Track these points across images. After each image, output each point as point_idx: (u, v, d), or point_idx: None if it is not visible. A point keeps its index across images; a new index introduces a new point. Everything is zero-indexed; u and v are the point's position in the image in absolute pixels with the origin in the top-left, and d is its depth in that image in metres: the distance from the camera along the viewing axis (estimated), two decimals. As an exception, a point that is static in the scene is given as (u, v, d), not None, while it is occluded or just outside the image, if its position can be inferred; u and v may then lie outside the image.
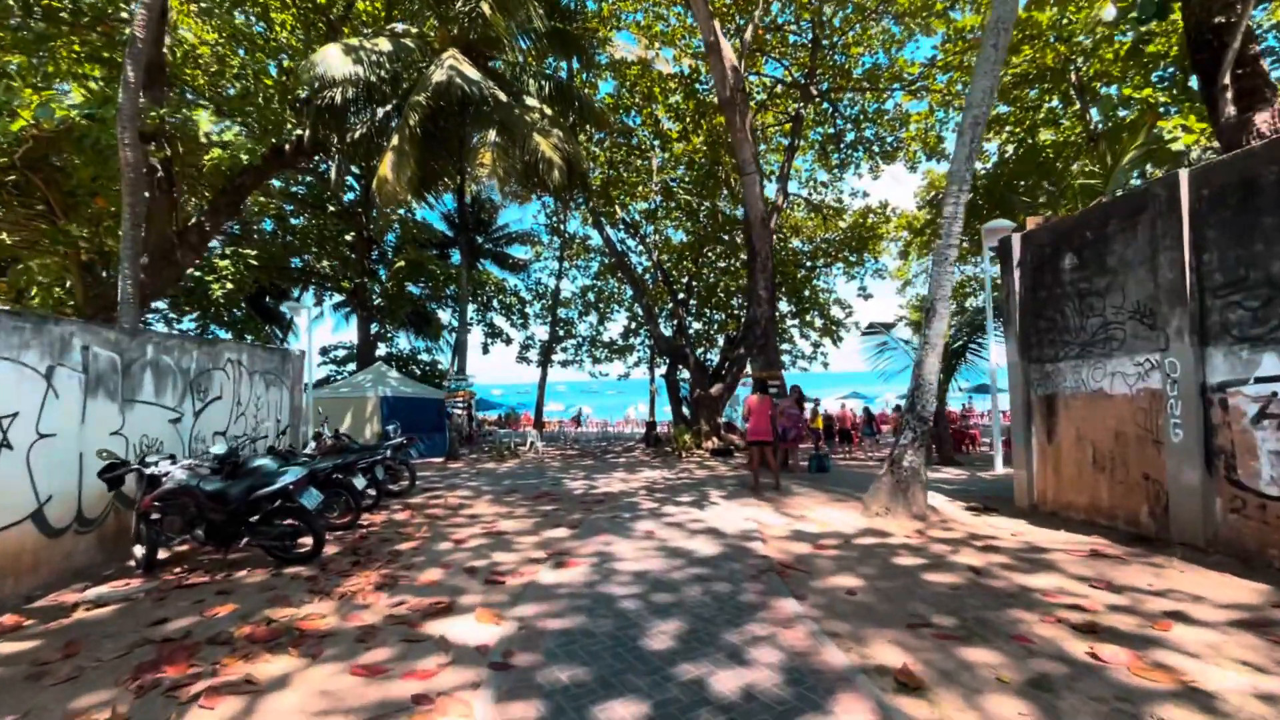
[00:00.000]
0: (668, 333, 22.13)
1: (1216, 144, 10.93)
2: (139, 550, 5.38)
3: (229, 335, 31.39)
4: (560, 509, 8.04)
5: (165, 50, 13.02)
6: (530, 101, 14.12)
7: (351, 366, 26.51)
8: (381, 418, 17.70)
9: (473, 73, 12.25)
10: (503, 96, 13.40)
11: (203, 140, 10.80)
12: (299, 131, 13.68)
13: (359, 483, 6.94)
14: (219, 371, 7.48)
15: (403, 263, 19.59)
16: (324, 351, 31.35)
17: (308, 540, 5.54)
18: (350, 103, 13.78)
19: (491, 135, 12.86)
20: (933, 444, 18.45)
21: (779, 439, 10.10)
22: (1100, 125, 21.32)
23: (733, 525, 6.76)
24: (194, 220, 12.99)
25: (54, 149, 10.26)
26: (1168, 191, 5.02)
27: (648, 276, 23.49)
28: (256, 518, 5.31)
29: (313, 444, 9.23)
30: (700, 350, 22.94)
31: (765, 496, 8.67)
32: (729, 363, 19.92)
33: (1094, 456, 6.06)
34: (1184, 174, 4.96)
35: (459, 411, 13.53)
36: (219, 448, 5.86)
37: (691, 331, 24.03)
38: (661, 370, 28.63)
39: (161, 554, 5.76)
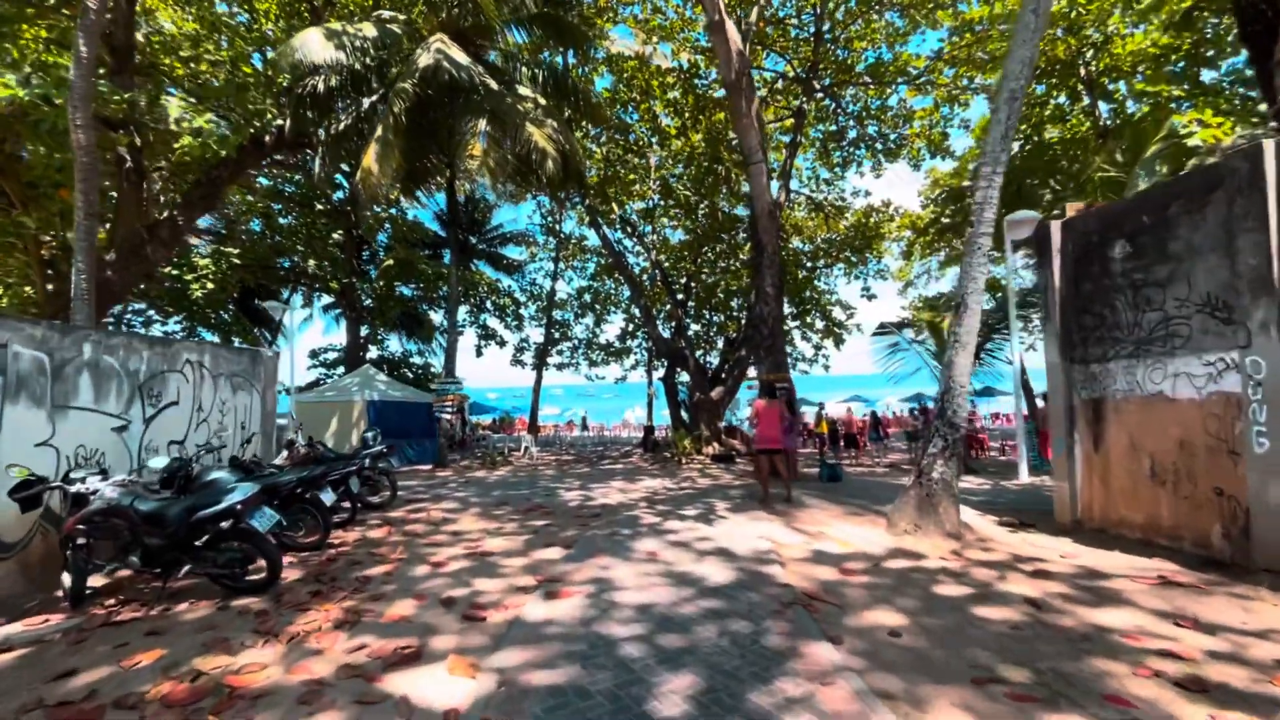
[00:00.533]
0: (666, 334, 21.47)
1: (1233, 138, 10.43)
2: (67, 579, 4.66)
3: (215, 337, 30.66)
4: (553, 524, 7.33)
5: (141, 37, 12.37)
6: (523, 90, 13.45)
7: (342, 370, 25.79)
8: (368, 423, 16.94)
9: (461, 57, 11.58)
10: (494, 84, 12.73)
11: (173, 128, 10.11)
12: (279, 122, 12.97)
13: (327, 498, 6.21)
14: (175, 374, 6.76)
15: (391, 262, 18.86)
16: (314, 354, 30.56)
17: (264, 566, 4.83)
18: (334, 92, 13.10)
19: (482, 125, 12.19)
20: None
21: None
22: (1109, 121, 20.84)
23: (745, 544, 6.07)
24: (166, 214, 12.26)
25: (8, 133, 9.53)
26: (1249, 164, 4.37)
27: (645, 278, 22.87)
28: (202, 541, 4.60)
29: (284, 454, 8.49)
30: (699, 353, 22.26)
31: (776, 510, 7.99)
32: (730, 365, 19.26)
33: (1152, 468, 5.40)
34: (1269, 145, 4.31)
35: (448, 416, 12.83)
36: (158, 461, 5.14)
37: (690, 333, 23.37)
38: (659, 373, 27.99)
39: (97, 581, 5.04)
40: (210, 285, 17.20)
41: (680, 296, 21.62)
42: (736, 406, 25.18)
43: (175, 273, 16.72)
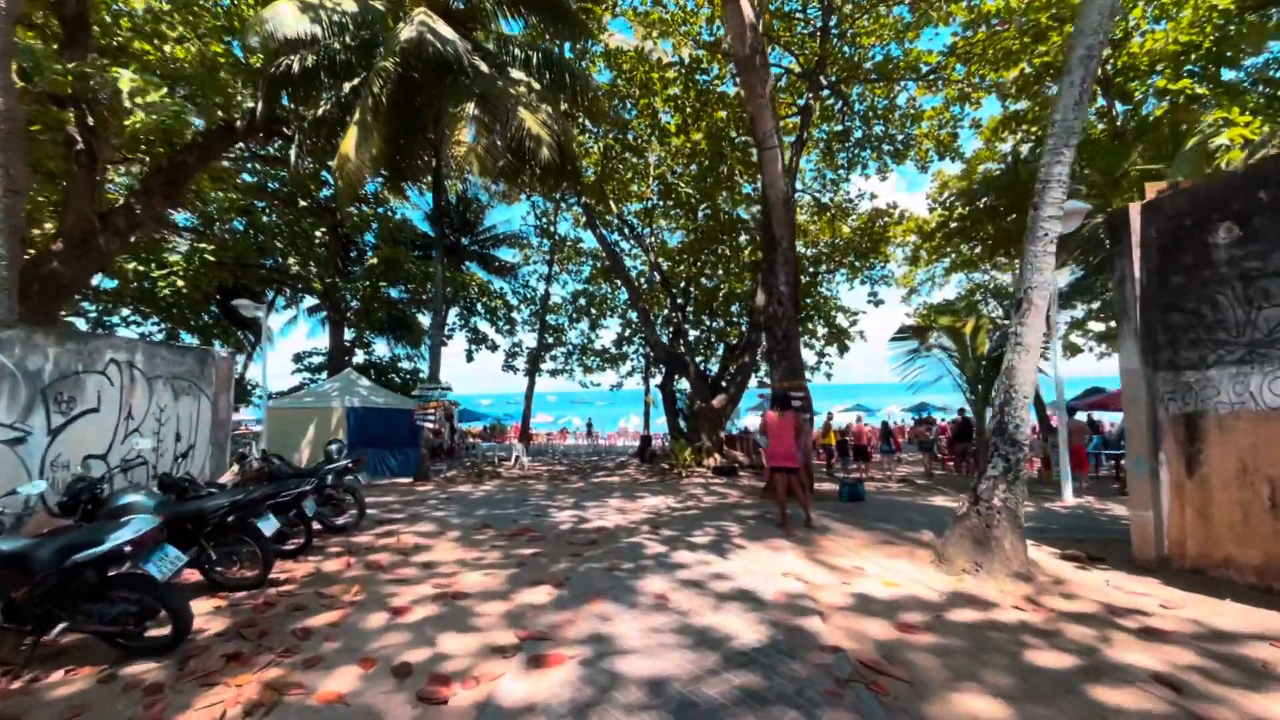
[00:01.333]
0: (664, 340, 20.51)
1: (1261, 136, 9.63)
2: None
3: (195, 340, 29.49)
4: (542, 553, 6.30)
5: (108, 17, 11.36)
6: (516, 74, 12.50)
7: (326, 375, 24.65)
8: (348, 431, 15.87)
9: (447, 31, 10.62)
10: (484, 67, 11.79)
11: (125, 105, 9.09)
12: (249, 104, 11.97)
13: (267, 526, 5.15)
14: (95, 376, 5.71)
15: (376, 260, 17.82)
16: (298, 358, 29.46)
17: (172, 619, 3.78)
18: (311, 74, 12.10)
19: (470, 109, 11.22)
20: (970, 464, 16.99)
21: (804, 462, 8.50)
22: (1126, 122, 20.12)
23: (770, 584, 5.06)
24: (122, 202, 11.20)
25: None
26: None
27: (643, 281, 21.91)
28: (83, 590, 3.55)
29: (234, 469, 7.43)
30: (699, 359, 21.30)
31: (796, 536, 6.99)
32: (734, 372, 18.30)
33: (1274, 497, 4.44)
34: None
35: (431, 425, 11.77)
36: (32, 486, 4.09)
37: (690, 339, 22.42)
38: (657, 380, 27.00)
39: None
40: (181, 283, 16.09)
41: (679, 300, 20.66)
42: (736, 415, 24.25)
43: (142, 269, 15.62)
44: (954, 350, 12.14)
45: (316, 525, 7.34)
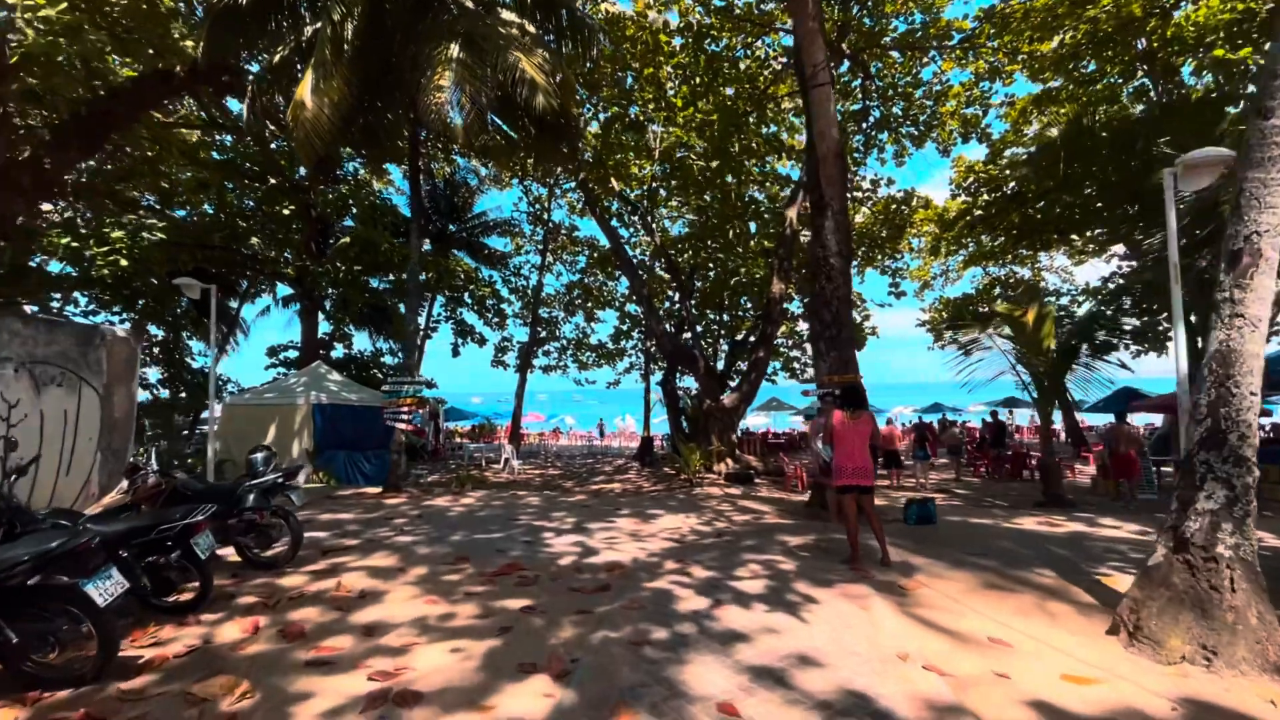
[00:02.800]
0: (669, 330, 18.73)
1: None
2: None
3: (160, 332, 27.35)
4: (536, 608, 4.50)
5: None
6: (508, 16, 10.67)
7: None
8: (314, 431, 14.01)
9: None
10: (469, 2, 9.96)
11: (18, 20, 7.21)
12: (188, 44, 10.07)
13: (102, 587, 3.29)
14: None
15: (349, 240, 15.91)
16: (272, 351, 27.42)
17: None
18: (262, 8, 10.24)
19: (454, 50, 9.37)
20: (1010, 468, 15.33)
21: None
22: (1164, 97, 18.61)
23: (890, 677, 3.30)
24: (29, 153, 9.29)
25: None
26: None
27: (643, 274, 20.15)
28: None
29: (123, 484, 5.57)
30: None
31: (874, 577, 5.24)
32: (747, 367, 16.54)
33: None
34: None
35: (403, 425, 9.92)
36: None
37: (696, 332, 20.68)
38: (658, 377, 25.24)
39: None
40: (124, 263, 14.12)
41: (687, 286, 18.82)
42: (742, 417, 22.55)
43: (76, 245, 13.65)
44: (1011, 344, 10.44)
45: (237, 558, 5.51)
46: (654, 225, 18.10)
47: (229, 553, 5.53)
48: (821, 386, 7.71)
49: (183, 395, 20.15)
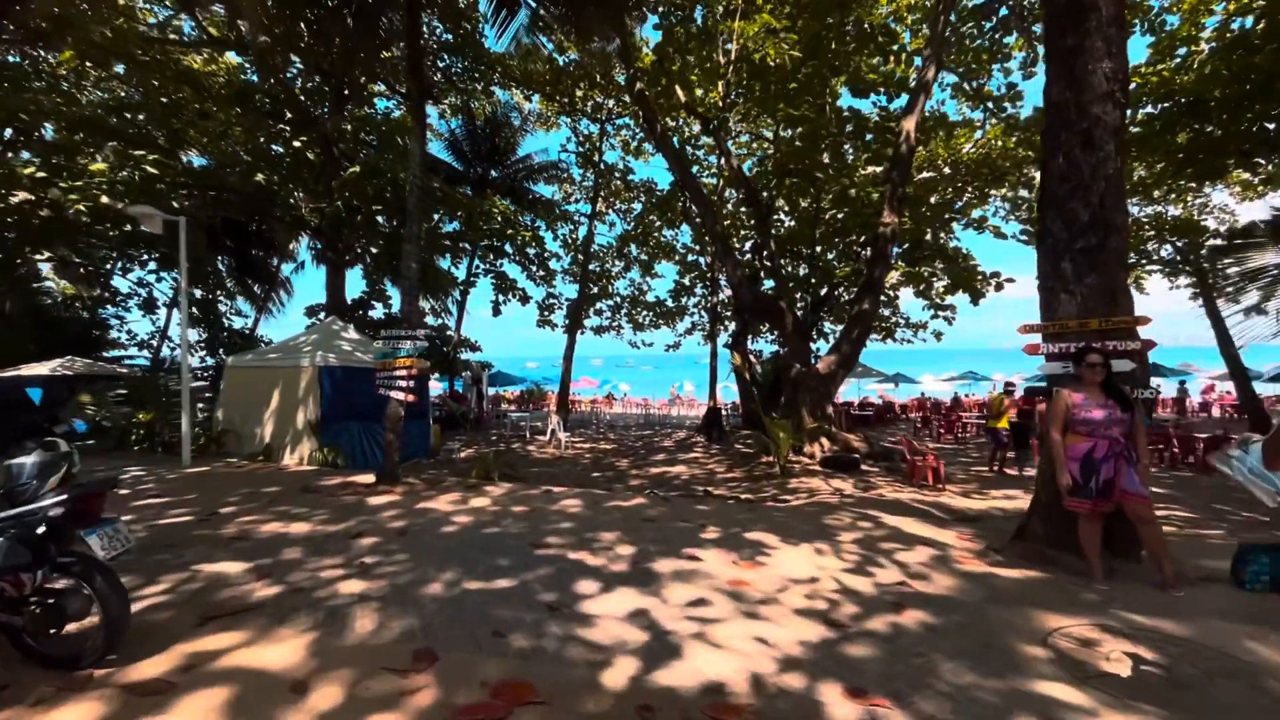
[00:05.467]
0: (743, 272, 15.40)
1: None
2: None
3: (199, 292, 26.02)
4: None
5: None
6: None
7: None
8: (320, 398, 11.70)
9: None
10: None
11: None
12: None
13: None
14: None
15: (357, 169, 13.27)
16: (311, 311, 25.71)
17: None
18: None
19: None
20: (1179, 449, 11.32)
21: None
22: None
23: None
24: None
25: None
26: None
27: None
28: None
29: None
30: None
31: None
32: (850, 323, 13.12)
33: None
34: None
35: (399, 395, 7.24)
36: None
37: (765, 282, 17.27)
38: (724, 339, 22.07)
39: None
40: (105, 199, 12.01)
41: (769, 219, 15.29)
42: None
43: (43, 176, 11.56)
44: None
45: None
46: (729, 145, 14.59)
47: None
48: (1057, 339, 4.42)
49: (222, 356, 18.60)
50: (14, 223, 12.41)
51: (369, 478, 7.71)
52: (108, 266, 23.64)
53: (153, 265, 22.42)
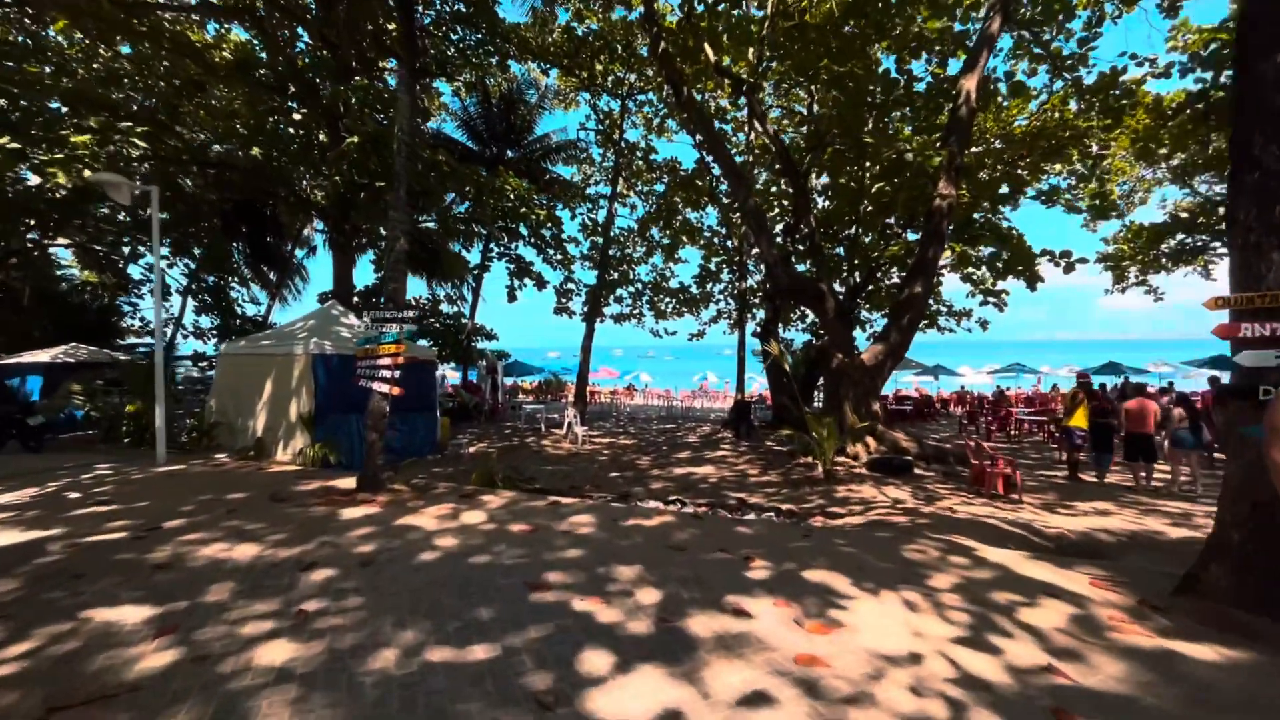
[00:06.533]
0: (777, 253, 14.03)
1: None
2: None
3: (212, 279, 25.46)
4: None
5: None
6: None
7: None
8: (314, 388, 10.75)
9: None
10: None
11: None
12: None
13: None
14: None
15: (356, 140, 12.21)
16: (324, 298, 25.02)
17: None
18: None
19: None
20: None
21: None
22: None
23: None
24: None
25: None
26: None
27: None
28: None
29: None
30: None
31: None
32: (897, 308, 11.72)
33: None
34: None
35: (383, 388, 6.12)
36: None
37: (800, 266, 15.84)
38: (753, 327, 20.73)
39: None
40: (88, 173, 11.12)
41: (807, 191, 13.85)
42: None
43: (16, 147, 10.69)
44: None
45: None
46: (763, 112, 13.17)
47: None
48: (1268, 317, 3.10)
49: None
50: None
51: (351, 482, 6.65)
52: (122, 251, 23.17)
53: (165, 251, 21.88)
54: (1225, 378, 18.21)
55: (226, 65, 14.90)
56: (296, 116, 14.06)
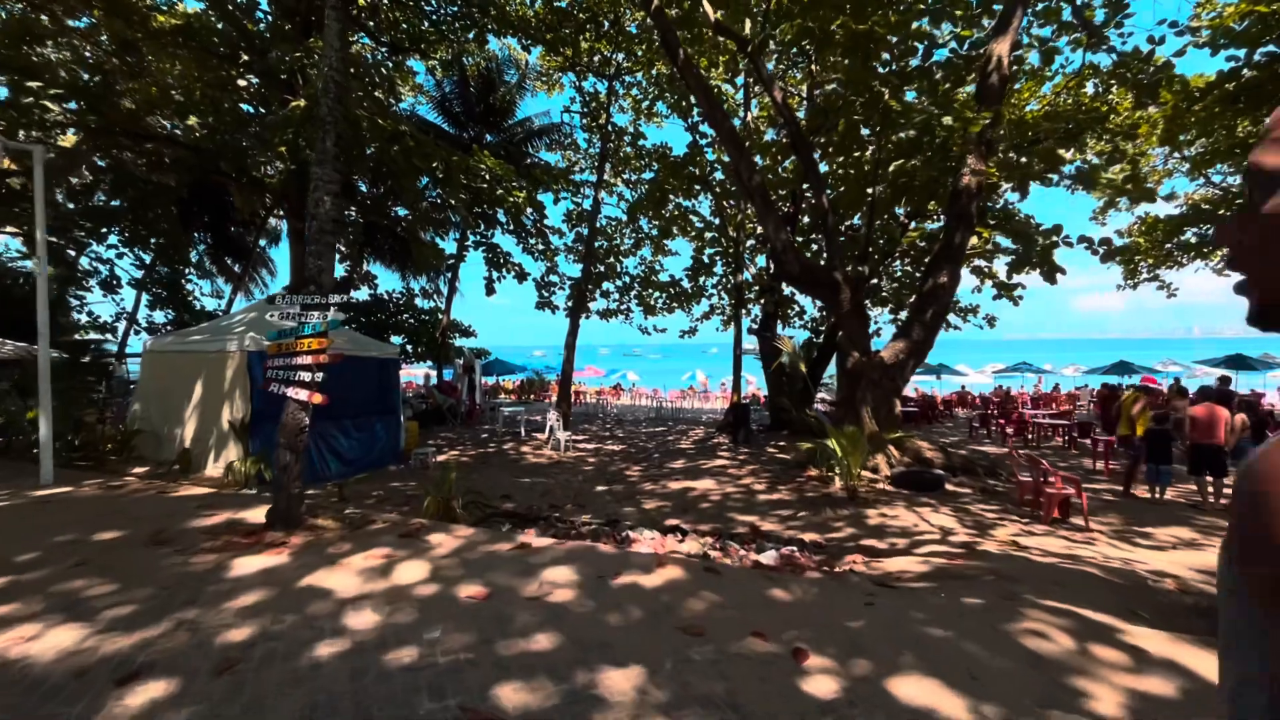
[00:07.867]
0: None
1: None
2: None
3: (165, 271, 23.66)
4: None
5: None
6: None
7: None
8: (250, 392, 9.19)
9: None
10: None
11: None
12: None
13: None
14: None
15: (303, 103, 10.59)
16: (285, 293, 23.10)
17: None
18: None
19: None
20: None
21: None
22: None
23: None
24: None
25: None
26: None
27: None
28: None
29: None
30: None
31: None
32: (919, 301, 10.41)
33: None
34: None
35: (299, 394, 4.69)
36: None
37: (809, 250, 14.49)
38: (748, 323, 19.42)
39: None
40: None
41: (816, 170, 12.41)
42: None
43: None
44: None
45: None
46: (769, 76, 11.73)
47: None
48: None
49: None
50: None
51: (261, 515, 5.17)
52: (80, 241, 21.20)
53: (114, 239, 20.04)
54: (1237, 378, 17.22)
55: (170, 30, 13.19)
56: (242, 83, 12.41)
